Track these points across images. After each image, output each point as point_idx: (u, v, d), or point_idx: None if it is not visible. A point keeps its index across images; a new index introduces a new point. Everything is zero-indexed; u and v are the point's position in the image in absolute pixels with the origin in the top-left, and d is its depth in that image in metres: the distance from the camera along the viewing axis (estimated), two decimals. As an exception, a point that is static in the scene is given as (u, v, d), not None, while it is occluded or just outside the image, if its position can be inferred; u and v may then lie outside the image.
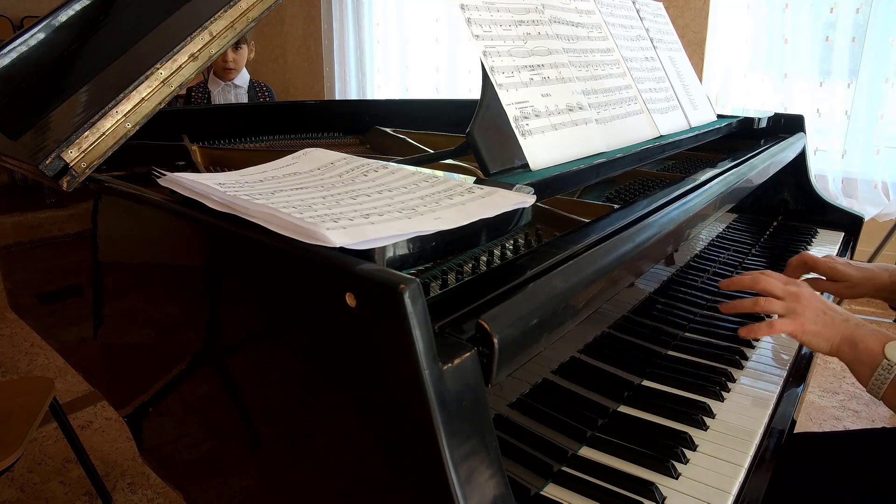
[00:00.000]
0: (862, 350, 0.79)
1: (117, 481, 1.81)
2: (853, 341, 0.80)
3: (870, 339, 0.79)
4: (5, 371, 2.45)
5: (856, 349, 0.80)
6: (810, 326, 0.83)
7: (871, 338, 0.79)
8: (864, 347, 0.79)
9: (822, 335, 0.82)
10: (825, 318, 0.83)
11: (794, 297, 0.85)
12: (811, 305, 0.84)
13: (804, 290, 0.87)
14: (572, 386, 0.75)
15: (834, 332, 0.82)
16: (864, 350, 0.79)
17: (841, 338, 0.82)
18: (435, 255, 0.60)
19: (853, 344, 0.80)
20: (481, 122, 0.77)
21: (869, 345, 0.79)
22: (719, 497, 0.67)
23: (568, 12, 1.02)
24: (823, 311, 0.84)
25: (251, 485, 0.69)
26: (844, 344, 0.81)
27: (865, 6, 2.94)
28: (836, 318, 0.83)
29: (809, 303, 0.84)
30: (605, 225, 0.74)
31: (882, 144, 3.07)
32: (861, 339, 0.80)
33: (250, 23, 0.85)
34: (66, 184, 0.77)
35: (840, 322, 0.82)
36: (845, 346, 0.81)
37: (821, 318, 0.83)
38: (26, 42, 1.15)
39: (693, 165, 1.31)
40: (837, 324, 0.82)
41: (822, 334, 0.82)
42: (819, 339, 0.83)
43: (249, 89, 2.82)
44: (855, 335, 0.81)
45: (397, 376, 0.47)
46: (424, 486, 0.47)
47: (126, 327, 0.90)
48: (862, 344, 0.79)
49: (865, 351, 0.79)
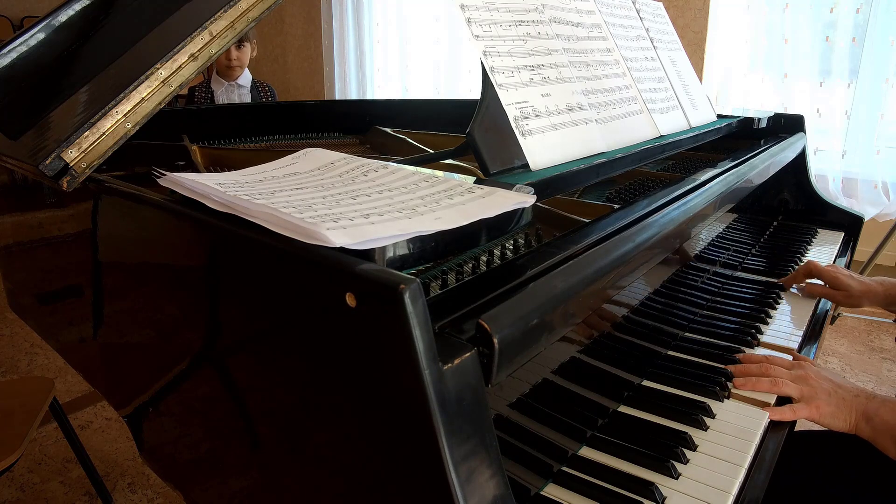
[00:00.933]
0: (878, 423, 0.80)
1: (117, 481, 1.81)
2: (868, 416, 0.81)
3: (882, 410, 0.80)
4: (5, 371, 2.45)
5: (872, 424, 0.80)
6: (826, 408, 0.83)
7: (884, 409, 0.80)
8: (879, 421, 0.80)
9: (838, 416, 0.83)
10: (837, 396, 0.84)
11: (804, 381, 0.86)
12: (821, 386, 0.85)
13: (810, 371, 0.87)
14: (572, 386, 0.75)
15: (848, 410, 0.83)
16: (881, 423, 0.80)
17: (856, 415, 0.82)
18: (435, 255, 0.60)
19: (868, 419, 0.81)
20: (481, 122, 0.77)
21: (884, 417, 0.79)
22: (719, 497, 0.67)
23: (568, 12, 1.02)
24: (834, 391, 0.84)
25: (251, 485, 0.70)
26: (861, 421, 0.82)
27: (865, 6, 2.94)
28: (847, 396, 0.84)
29: (819, 384, 0.85)
30: (605, 225, 0.74)
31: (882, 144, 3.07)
32: (875, 412, 0.80)
33: (250, 23, 0.85)
34: (66, 184, 0.77)
35: (851, 399, 0.83)
36: (862, 422, 0.81)
37: (833, 398, 0.84)
38: (26, 42, 1.15)
39: (693, 165, 1.31)
40: (849, 401, 0.83)
41: (838, 415, 0.83)
42: (836, 420, 0.83)
43: (252, 89, 2.83)
44: (868, 410, 0.81)
45: (397, 376, 0.47)
46: (424, 486, 0.47)
47: (126, 327, 0.90)
48: (877, 417, 0.80)
49: (882, 424, 0.79)
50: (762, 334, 1.04)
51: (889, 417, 0.79)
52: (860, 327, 2.81)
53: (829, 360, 2.54)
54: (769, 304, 1.15)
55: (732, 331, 1.03)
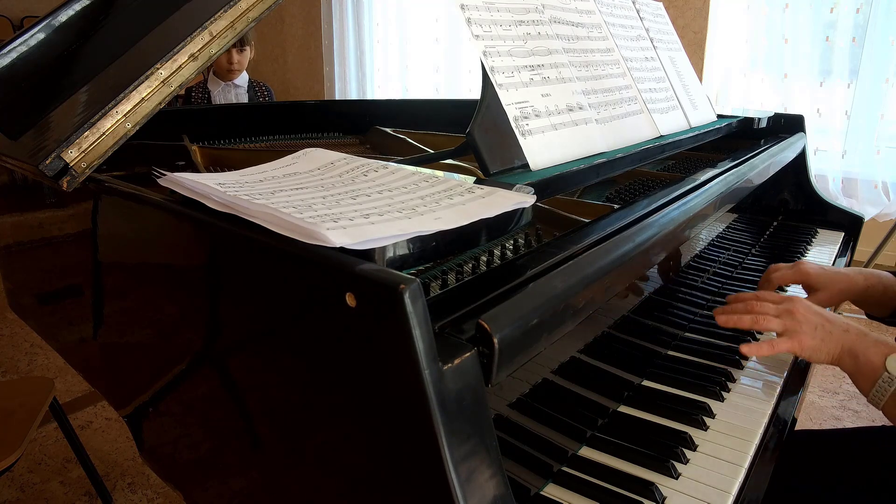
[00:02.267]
0: (863, 362, 0.79)
1: (117, 481, 1.81)
2: (854, 353, 0.80)
3: (871, 350, 0.79)
4: (5, 371, 2.45)
5: (857, 361, 0.80)
6: (808, 342, 0.82)
7: (873, 349, 0.79)
8: (864, 360, 0.79)
9: (822, 348, 0.82)
10: (823, 330, 0.83)
11: (789, 314, 0.85)
12: (807, 320, 0.84)
13: (798, 305, 0.86)
14: (572, 386, 0.75)
15: (834, 343, 0.82)
16: (865, 362, 0.79)
17: (842, 349, 0.81)
18: (435, 255, 0.60)
19: (854, 355, 0.80)
20: (481, 122, 0.77)
21: (870, 357, 0.78)
22: (719, 497, 0.67)
23: (568, 12, 1.02)
24: (821, 324, 0.83)
25: (251, 485, 0.70)
26: (845, 355, 0.81)
27: (865, 6, 2.94)
28: (835, 330, 0.82)
29: (805, 317, 0.84)
30: (605, 225, 0.74)
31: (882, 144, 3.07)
32: (862, 350, 0.79)
33: (250, 23, 0.85)
34: (66, 184, 0.77)
35: (840, 333, 0.82)
36: (846, 357, 0.81)
37: (819, 332, 0.82)
38: (26, 42, 1.15)
39: (693, 165, 1.31)
40: (837, 335, 0.82)
41: (822, 348, 0.82)
42: (819, 353, 0.82)
43: (249, 89, 2.83)
44: (856, 346, 0.80)
45: (397, 376, 0.47)
46: (424, 486, 0.47)
47: (126, 327, 0.90)
48: (863, 356, 0.79)
49: (866, 363, 0.79)
50: (762, 333, 1.04)
51: (875, 358, 0.78)
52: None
53: (829, 360, 2.54)
54: (769, 304, 1.14)
55: (733, 331, 1.03)
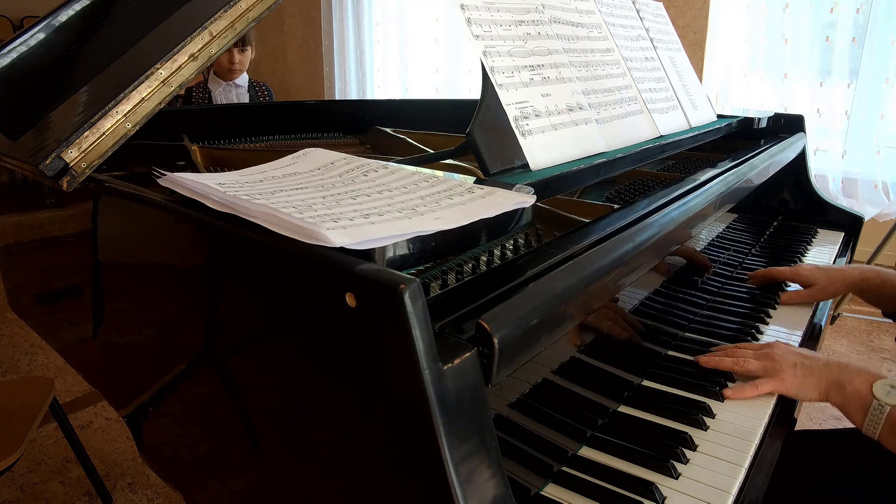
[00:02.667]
0: (850, 392, 0.78)
1: (117, 481, 1.81)
2: (840, 384, 0.80)
3: (856, 380, 0.79)
4: (5, 371, 2.45)
5: (843, 392, 0.79)
6: (791, 380, 0.82)
7: (858, 379, 0.79)
8: (851, 390, 0.78)
9: (806, 385, 0.82)
10: (803, 367, 0.82)
11: (768, 357, 0.85)
12: (784, 359, 0.84)
13: (775, 348, 0.86)
14: (572, 386, 0.75)
15: (817, 378, 0.81)
16: (853, 392, 0.78)
17: (827, 383, 0.81)
18: (435, 255, 0.60)
19: (840, 387, 0.79)
20: (481, 122, 0.77)
21: (857, 386, 0.78)
22: (719, 497, 0.67)
23: (568, 12, 1.02)
24: (800, 362, 0.83)
25: (251, 485, 0.70)
26: (832, 388, 0.80)
27: (865, 6, 2.94)
28: (816, 365, 0.82)
29: (783, 358, 0.84)
30: (605, 225, 0.74)
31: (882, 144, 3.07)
32: (848, 381, 0.79)
33: (250, 23, 0.85)
34: (66, 184, 0.77)
35: (821, 367, 0.82)
36: (833, 390, 0.80)
37: (799, 369, 0.82)
38: (26, 42, 1.15)
39: (693, 165, 1.30)
40: (818, 370, 0.82)
41: (805, 384, 0.82)
42: (804, 390, 0.82)
43: (249, 89, 2.83)
44: (841, 378, 0.80)
45: (397, 376, 0.47)
46: (424, 486, 0.47)
47: (126, 327, 0.90)
48: (850, 386, 0.79)
49: (854, 393, 0.78)
50: (762, 334, 1.04)
51: (862, 387, 0.78)
52: (860, 327, 2.81)
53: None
54: (769, 304, 1.14)
55: (732, 331, 1.03)
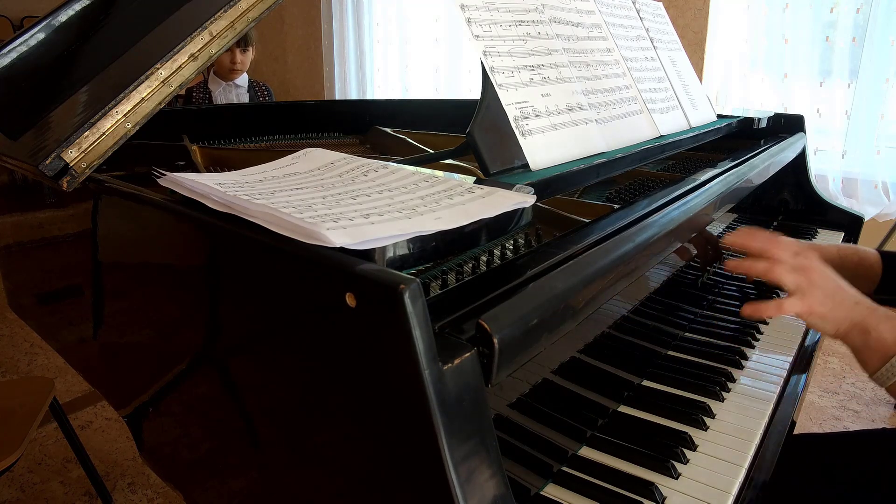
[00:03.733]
0: (874, 338, 0.74)
1: (117, 481, 1.81)
2: (864, 328, 0.75)
3: (883, 327, 0.74)
4: (5, 371, 2.44)
5: (867, 336, 0.75)
6: (818, 308, 0.77)
7: (885, 326, 0.74)
8: (876, 336, 0.74)
9: (830, 318, 0.77)
10: (835, 299, 0.77)
11: (805, 272, 0.79)
12: (822, 284, 0.78)
13: (815, 263, 0.80)
14: (572, 386, 0.75)
15: (843, 315, 0.77)
16: (877, 339, 0.74)
17: (851, 323, 0.76)
18: (435, 255, 0.60)
19: (864, 331, 0.75)
20: (481, 122, 0.77)
21: (882, 334, 0.74)
22: (719, 497, 0.67)
23: (568, 12, 1.02)
24: (834, 292, 0.78)
25: (251, 485, 0.69)
26: (854, 329, 0.76)
27: (865, 6, 2.94)
28: (847, 301, 0.77)
29: (821, 280, 0.78)
30: (605, 225, 0.74)
31: (882, 144, 3.07)
32: (874, 326, 0.75)
33: (250, 23, 0.85)
34: (66, 184, 0.77)
35: (850, 305, 0.77)
36: (855, 331, 0.76)
37: (830, 300, 0.77)
38: (26, 42, 1.15)
39: (693, 165, 1.30)
40: (847, 307, 0.77)
41: (830, 317, 0.77)
42: (826, 322, 0.77)
43: (249, 89, 2.83)
44: (867, 321, 0.75)
45: (397, 376, 0.47)
46: (424, 486, 0.47)
47: (126, 327, 0.90)
48: (875, 332, 0.74)
49: (878, 340, 0.74)
50: (762, 334, 1.04)
51: (888, 336, 0.73)
52: (860, 327, 2.81)
53: (830, 361, 2.54)
54: (769, 304, 1.14)
55: (732, 331, 1.03)
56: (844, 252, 1.04)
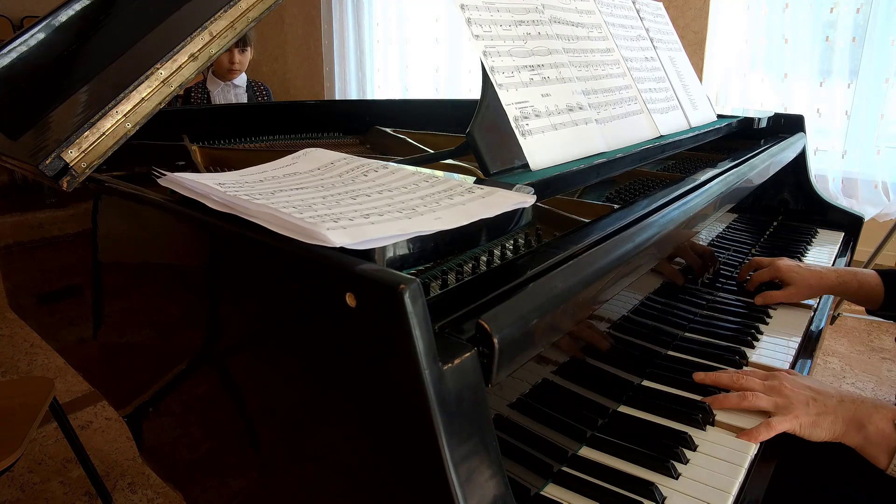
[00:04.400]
0: (872, 432, 0.74)
1: (117, 481, 1.81)
2: (859, 423, 0.75)
3: (876, 417, 0.74)
4: (5, 371, 2.44)
5: (864, 432, 0.74)
6: (804, 417, 0.77)
7: (878, 416, 0.74)
8: (874, 429, 0.74)
9: (820, 424, 0.77)
10: (816, 404, 0.78)
11: (777, 392, 0.80)
12: (796, 395, 0.79)
13: (785, 381, 0.82)
14: (572, 386, 0.75)
15: (833, 418, 0.77)
16: (876, 432, 0.73)
17: (843, 422, 0.76)
18: (435, 255, 0.61)
19: (860, 426, 0.75)
20: (481, 122, 0.77)
21: (878, 425, 0.74)
22: (719, 497, 0.67)
23: (568, 12, 1.02)
24: (812, 398, 0.79)
25: (251, 485, 0.69)
26: (850, 429, 0.75)
27: (865, 6, 2.94)
28: (829, 402, 0.78)
29: (794, 392, 0.79)
30: (605, 225, 0.74)
31: (882, 144, 3.07)
32: (867, 419, 0.74)
33: (250, 23, 0.85)
34: (66, 184, 0.77)
35: (835, 404, 0.77)
36: (851, 430, 0.75)
37: (812, 407, 0.78)
38: (26, 42, 1.15)
39: (693, 165, 1.31)
40: (832, 407, 0.77)
41: (819, 423, 0.77)
42: (818, 429, 0.77)
43: (247, 89, 2.83)
44: (858, 416, 0.75)
45: (397, 376, 0.47)
46: (424, 486, 0.47)
47: (126, 327, 0.90)
48: (871, 426, 0.74)
49: (877, 433, 0.73)
50: (762, 334, 1.04)
51: (885, 426, 0.73)
52: (860, 327, 2.81)
53: (829, 360, 2.54)
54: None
55: (732, 331, 1.03)
56: (844, 277, 1.05)
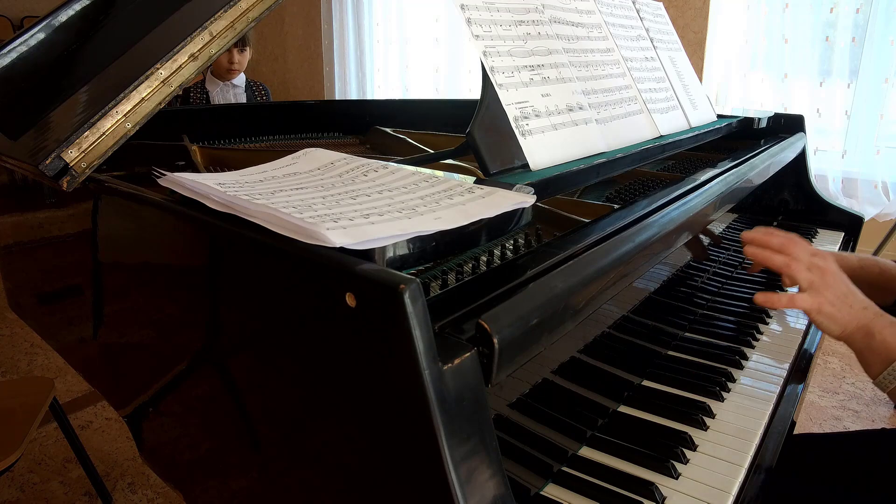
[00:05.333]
0: (878, 342, 0.76)
1: (117, 481, 1.81)
2: (869, 331, 0.77)
3: (887, 331, 0.76)
4: (5, 371, 2.44)
5: (871, 339, 0.76)
6: (827, 307, 0.79)
7: (890, 331, 0.76)
8: (880, 339, 0.76)
9: (837, 318, 0.78)
10: (845, 301, 0.79)
11: (819, 272, 0.80)
12: (834, 285, 0.80)
13: (830, 265, 0.82)
14: (572, 386, 0.75)
15: (850, 318, 0.78)
16: (881, 342, 0.76)
17: (856, 325, 0.78)
18: (435, 255, 0.60)
19: (869, 333, 0.77)
20: (481, 122, 0.77)
21: (886, 337, 0.75)
22: (719, 497, 0.67)
23: (568, 12, 1.02)
24: (845, 294, 0.79)
25: (251, 485, 0.69)
26: (859, 332, 0.77)
27: (865, 6, 2.94)
28: (856, 304, 0.79)
29: (833, 281, 0.80)
30: (605, 225, 0.74)
31: (882, 144, 3.07)
32: (878, 330, 0.76)
33: (250, 23, 0.85)
34: (65, 184, 0.77)
35: (859, 309, 0.78)
36: (859, 334, 0.77)
37: (840, 301, 0.79)
38: (26, 42, 1.15)
39: (693, 165, 1.30)
40: (856, 311, 0.78)
41: (837, 318, 0.78)
42: (832, 323, 0.79)
43: (246, 89, 2.83)
44: (872, 325, 0.77)
45: (397, 376, 0.47)
46: (424, 486, 0.47)
47: (126, 327, 0.90)
48: (879, 335, 0.76)
49: (881, 343, 0.75)
50: (762, 334, 1.04)
51: (892, 340, 0.75)
52: (860, 327, 2.81)
53: (829, 361, 2.54)
54: (769, 304, 1.14)
55: (732, 331, 1.03)
56: (866, 263, 1.06)
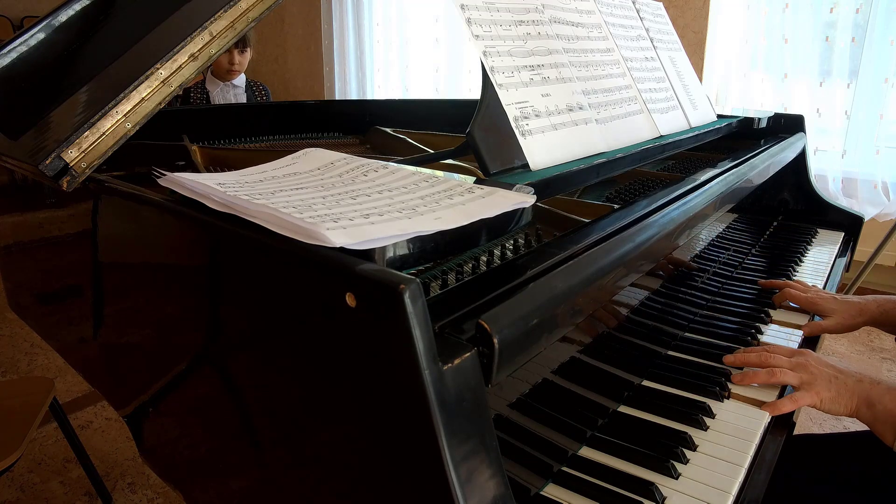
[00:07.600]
0: (880, 410, 0.80)
1: (117, 481, 1.81)
2: (870, 402, 0.81)
3: (886, 398, 0.80)
4: (5, 371, 2.44)
5: (874, 410, 0.80)
6: (825, 394, 0.83)
7: (888, 397, 0.80)
8: (882, 408, 0.80)
9: (838, 400, 0.83)
10: (837, 382, 0.83)
11: (803, 368, 0.85)
12: (821, 372, 0.85)
13: (810, 358, 0.87)
14: (572, 386, 0.75)
15: (849, 395, 0.82)
16: (883, 410, 0.79)
17: (858, 400, 0.82)
18: (435, 255, 0.60)
19: (871, 404, 0.81)
20: (481, 122, 0.77)
21: (887, 405, 0.79)
22: (719, 497, 0.67)
23: (568, 12, 1.02)
24: (834, 376, 0.84)
25: (251, 485, 0.70)
26: (862, 405, 0.81)
27: (865, 6, 2.94)
28: (849, 381, 0.83)
29: (819, 371, 0.85)
30: (605, 225, 0.74)
31: (882, 144, 3.07)
32: (878, 399, 0.80)
33: (250, 23, 0.85)
34: (65, 184, 0.77)
35: (853, 384, 0.83)
36: (863, 407, 0.81)
37: (833, 384, 0.83)
38: (26, 42, 1.15)
39: (693, 165, 1.30)
40: (851, 386, 0.83)
41: (838, 400, 0.83)
42: (836, 405, 0.83)
43: (246, 89, 2.83)
44: (871, 396, 0.81)
45: (397, 376, 0.47)
46: (424, 486, 0.47)
47: (126, 327, 0.90)
48: (879, 404, 0.80)
49: (884, 411, 0.79)
50: (762, 334, 1.04)
51: (892, 406, 0.79)
52: (860, 327, 2.81)
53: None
54: (769, 304, 1.14)
55: (732, 331, 1.03)
56: (886, 306, 1.07)
